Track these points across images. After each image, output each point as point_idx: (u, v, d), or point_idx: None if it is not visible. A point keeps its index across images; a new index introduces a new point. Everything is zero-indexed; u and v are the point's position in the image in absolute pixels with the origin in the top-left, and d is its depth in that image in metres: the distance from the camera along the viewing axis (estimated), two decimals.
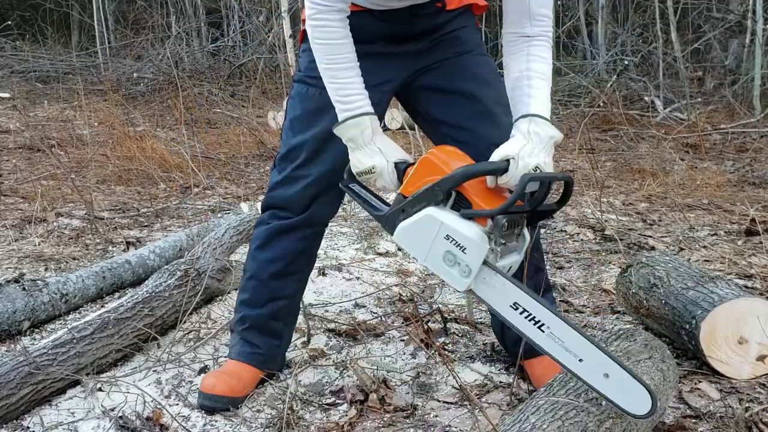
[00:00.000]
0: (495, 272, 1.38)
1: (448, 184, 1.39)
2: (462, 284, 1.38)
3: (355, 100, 1.53)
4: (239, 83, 8.96)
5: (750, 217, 3.27)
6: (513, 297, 1.37)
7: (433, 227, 1.39)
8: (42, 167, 4.99)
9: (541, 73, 1.53)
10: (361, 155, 1.55)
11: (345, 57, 1.53)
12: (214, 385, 1.71)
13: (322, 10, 1.51)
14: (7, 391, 1.60)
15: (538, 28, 1.53)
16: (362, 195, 1.59)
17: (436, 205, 1.40)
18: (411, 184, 1.46)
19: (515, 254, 1.44)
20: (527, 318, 1.35)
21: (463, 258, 1.37)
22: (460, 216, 1.38)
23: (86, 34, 12.72)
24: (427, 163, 1.44)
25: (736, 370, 1.80)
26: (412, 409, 1.68)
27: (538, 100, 1.50)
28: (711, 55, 8.61)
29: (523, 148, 1.41)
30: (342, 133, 1.55)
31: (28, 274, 2.73)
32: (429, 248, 1.40)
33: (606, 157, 5.51)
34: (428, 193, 1.41)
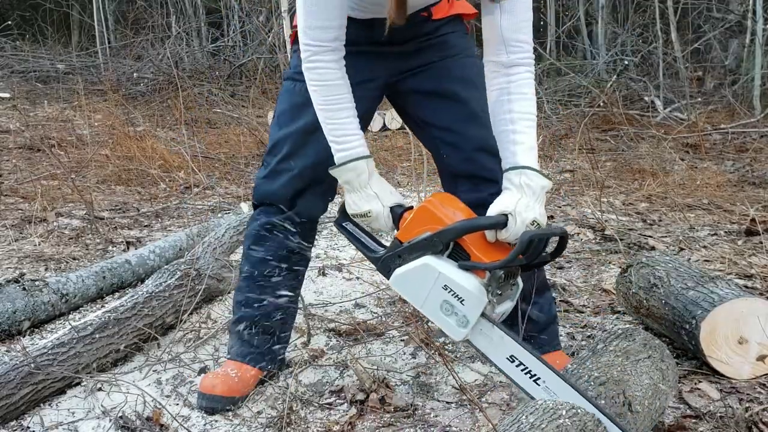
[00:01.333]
0: (492, 324, 1.41)
1: (448, 236, 1.41)
2: (459, 334, 1.42)
3: (350, 141, 1.55)
4: (239, 83, 8.96)
5: (750, 217, 3.27)
6: (510, 350, 1.40)
7: (431, 276, 1.42)
8: (42, 167, 4.99)
9: (525, 113, 1.52)
10: (357, 198, 1.57)
11: (341, 98, 1.55)
12: (213, 385, 1.71)
13: (316, 52, 1.52)
14: (7, 391, 1.60)
15: (515, 55, 1.52)
16: (356, 235, 1.62)
17: (434, 255, 1.43)
18: (408, 230, 1.48)
19: (509, 301, 1.47)
20: (523, 371, 1.39)
21: (461, 309, 1.40)
22: (458, 267, 1.41)
23: (86, 34, 12.72)
24: (425, 212, 1.47)
25: (736, 370, 1.80)
26: (412, 409, 1.68)
27: (525, 147, 1.50)
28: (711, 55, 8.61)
29: (519, 203, 1.43)
30: (339, 176, 1.57)
31: (28, 274, 2.73)
32: (426, 296, 1.43)
33: (606, 157, 5.51)
34: (427, 243, 1.44)
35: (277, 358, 1.87)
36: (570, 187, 4.52)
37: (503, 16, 1.49)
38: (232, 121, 6.93)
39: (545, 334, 1.81)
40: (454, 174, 1.74)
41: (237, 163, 5.20)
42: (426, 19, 1.68)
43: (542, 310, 1.80)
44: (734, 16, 8.28)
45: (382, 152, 5.80)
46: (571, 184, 4.63)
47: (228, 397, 1.70)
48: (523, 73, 1.53)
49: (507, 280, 1.43)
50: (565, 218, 3.68)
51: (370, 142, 6.34)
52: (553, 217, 3.72)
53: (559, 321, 1.97)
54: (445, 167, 1.77)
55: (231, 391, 1.71)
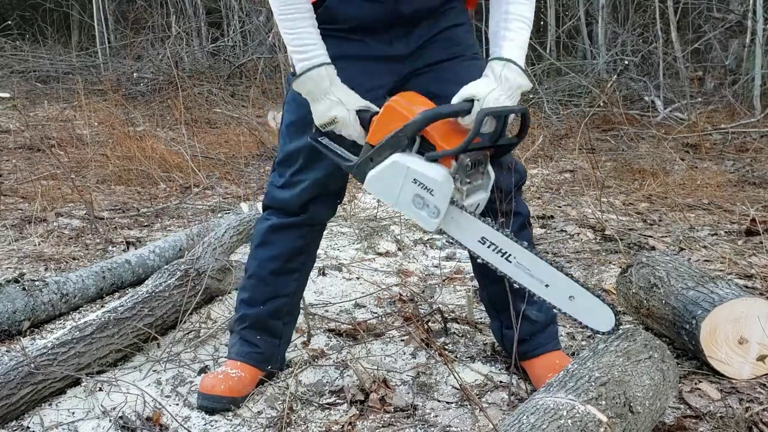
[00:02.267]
0: (462, 210, 1.44)
1: (411, 129, 1.43)
2: (432, 224, 1.45)
3: (309, 50, 1.53)
4: (239, 83, 8.96)
5: (750, 217, 3.27)
6: (480, 232, 1.44)
7: (401, 173, 1.44)
8: (42, 167, 4.98)
9: (519, 15, 1.53)
10: (322, 107, 1.54)
11: (299, 7, 1.53)
12: (213, 385, 1.71)
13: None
14: (7, 391, 1.60)
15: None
16: (331, 147, 1.61)
17: (402, 151, 1.45)
18: (376, 132, 1.49)
19: (482, 192, 1.50)
20: (494, 250, 1.43)
21: (431, 200, 1.43)
22: (425, 159, 1.43)
23: (86, 34, 12.71)
24: (390, 111, 1.48)
25: (737, 370, 1.79)
26: (412, 409, 1.68)
27: (514, 43, 1.51)
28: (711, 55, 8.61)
29: (490, 93, 1.44)
30: (300, 88, 1.55)
31: (28, 274, 2.73)
32: (398, 193, 1.46)
33: (606, 157, 5.51)
34: (393, 140, 1.45)
35: (279, 358, 1.87)
36: (570, 187, 4.52)
37: None
38: (232, 121, 6.92)
39: (545, 334, 1.81)
40: None
41: (237, 163, 5.19)
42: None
43: (541, 310, 1.80)
44: (734, 16, 8.28)
45: None
46: (571, 184, 4.62)
47: (228, 397, 1.70)
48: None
49: (475, 168, 1.45)
50: (565, 218, 3.68)
51: None
52: (553, 216, 3.72)
53: (558, 321, 1.97)
54: None
55: (231, 391, 1.71)
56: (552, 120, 7.01)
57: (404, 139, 1.44)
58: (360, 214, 3.83)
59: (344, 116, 1.54)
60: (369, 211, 3.92)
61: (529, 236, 1.80)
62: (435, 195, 1.42)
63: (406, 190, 1.44)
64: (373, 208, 3.95)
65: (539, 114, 7.20)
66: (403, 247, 3.17)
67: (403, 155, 1.45)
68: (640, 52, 8.61)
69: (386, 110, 1.49)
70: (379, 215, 3.78)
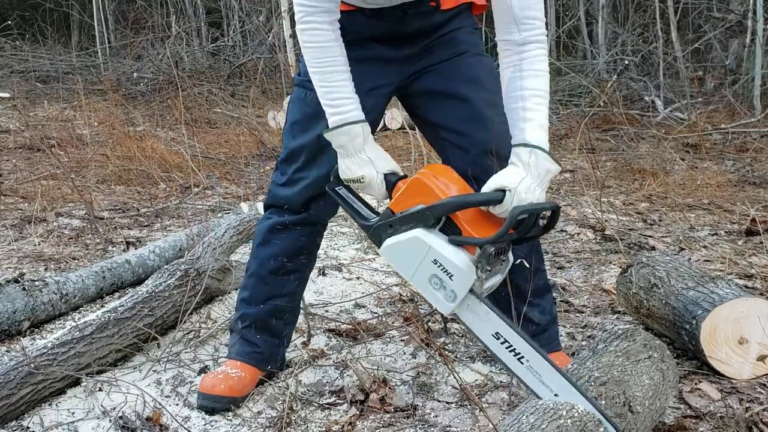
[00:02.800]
0: (479, 301, 1.41)
1: (440, 210, 1.40)
2: (446, 308, 1.41)
3: (345, 105, 1.53)
4: (239, 83, 8.96)
5: (750, 217, 3.27)
6: (495, 327, 1.40)
7: (422, 250, 1.41)
8: (42, 167, 4.99)
9: (536, 90, 1.50)
10: (351, 163, 1.55)
11: (335, 60, 1.53)
12: (213, 385, 1.71)
13: (309, 12, 1.50)
14: (7, 391, 1.60)
15: (527, 33, 1.50)
16: (348, 200, 1.60)
17: (426, 228, 1.42)
18: (401, 201, 1.47)
19: (498, 276, 1.47)
20: (508, 348, 1.38)
21: (449, 284, 1.39)
22: (449, 242, 1.40)
23: (86, 34, 12.72)
24: (419, 184, 1.45)
25: (737, 370, 1.79)
26: (412, 409, 1.68)
27: (536, 124, 1.47)
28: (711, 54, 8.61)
29: (521, 183, 1.41)
30: (332, 140, 1.55)
31: (28, 274, 2.73)
32: (416, 269, 1.42)
33: (606, 157, 5.51)
34: (419, 215, 1.42)
35: (278, 358, 1.87)
36: (570, 187, 4.52)
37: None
38: (232, 121, 6.93)
39: (546, 335, 1.81)
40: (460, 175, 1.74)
41: (237, 163, 5.20)
42: (434, 10, 1.66)
43: (543, 312, 1.80)
44: (734, 16, 8.28)
45: None
46: (571, 184, 4.63)
47: (228, 396, 1.70)
48: (535, 50, 1.50)
49: (497, 256, 1.42)
50: (565, 218, 3.68)
51: None
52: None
53: (559, 321, 1.97)
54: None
55: (231, 390, 1.71)
56: (552, 120, 7.01)
57: (431, 218, 1.41)
58: None
59: (372, 177, 1.54)
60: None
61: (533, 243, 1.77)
62: (455, 280, 1.39)
63: (424, 268, 1.41)
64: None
65: None
66: None
67: (426, 232, 1.42)
68: (640, 52, 8.61)
69: (415, 182, 1.46)
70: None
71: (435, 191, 1.42)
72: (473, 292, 1.40)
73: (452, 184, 1.45)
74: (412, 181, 1.47)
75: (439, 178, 1.46)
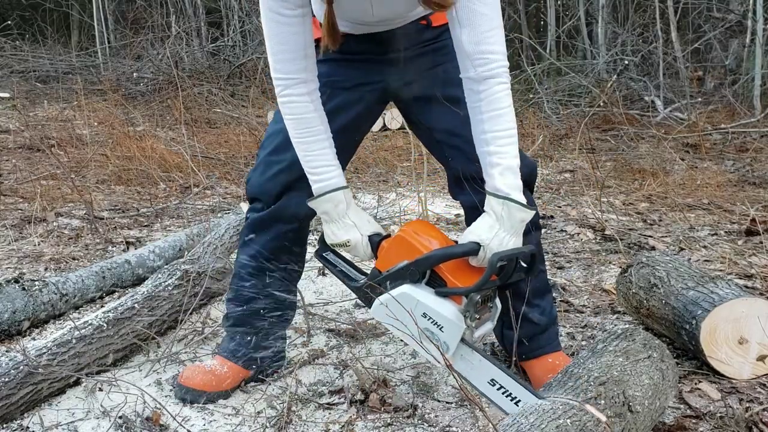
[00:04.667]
0: (472, 349, 1.44)
1: (424, 265, 1.44)
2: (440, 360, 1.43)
3: (327, 172, 1.57)
4: (239, 83, 8.96)
5: (750, 217, 3.27)
6: (490, 374, 1.43)
7: (411, 305, 1.44)
8: (42, 167, 4.99)
9: (499, 131, 1.47)
10: (336, 228, 1.59)
11: (315, 130, 1.57)
12: (189, 377, 1.75)
13: (287, 85, 1.54)
14: (7, 391, 1.60)
15: (482, 68, 1.44)
16: (338, 265, 1.66)
17: (412, 283, 1.45)
18: (386, 260, 1.51)
19: (488, 324, 1.50)
20: (504, 393, 1.42)
21: (441, 335, 1.42)
22: (436, 294, 1.43)
23: (86, 34, 12.71)
24: (402, 242, 1.50)
25: (737, 370, 1.79)
26: (412, 409, 1.68)
27: (504, 168, 1.45)
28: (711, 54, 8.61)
29: (494, 238, 1.43)
30: (317, 207, 1.59)
31: (28, 274, 2.73)
32: (407, 325, 1.44)
33: (606, 157, 5.51)
34: (405, 271, 1.46)
35: (265, 358, 1.86)
36: (570, 187, 4.52)
37: (462, 30, 1.44)
38: (231, 121, 6.93)
39: (546, 336, 1.81)
40: (459, 176, 1.74)
41: (237, 163, 5.20)
42: (426, 27, 1.68)
43: (543, 313, 1.80)
44: (734, 16, 8.28)
45: (382, 152, 5.79)
46: (571, 184, 4.63)
47: (201, 390, 1.73)
48: (494, 87, 1.46)
49: (484, 304, 1.45)
50: (565, 218, 3.68)
51: (371, 142, 6.34)
52: (553, 216, 3.72)
53: (559, 321, 1.97)
54: (450, 170, 1.77)
55: (204, 385, 1.74)
56: (552, 120, 7.02)
57: (416, 273, 1.45)
58: None
59: (357, 240, 1.58)
60: (369, 211, 3.92)
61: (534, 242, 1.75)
62: (445, 332, 1.42)
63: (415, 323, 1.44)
64: (373, 208, 3.95)
65: (539, 114, 7.20)
66: None
67: (413, 287, 1.45)
68: (640, 52, 8.61)
69: (398, 240, 1.50)
70: (379, 215, 3.78)
71: (417, 247, 1.47)
72: (465, 341, 1.44)
73: (433, 239, 1.49)
74: (395, 239, 1.51)
75: (420, 233, 1.50)
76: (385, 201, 4.16)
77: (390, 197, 4.30)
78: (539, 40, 10.45)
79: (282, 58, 1.52)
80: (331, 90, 1.71)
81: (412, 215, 3.71)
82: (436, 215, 3.68)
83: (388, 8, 1.59)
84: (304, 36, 1.51)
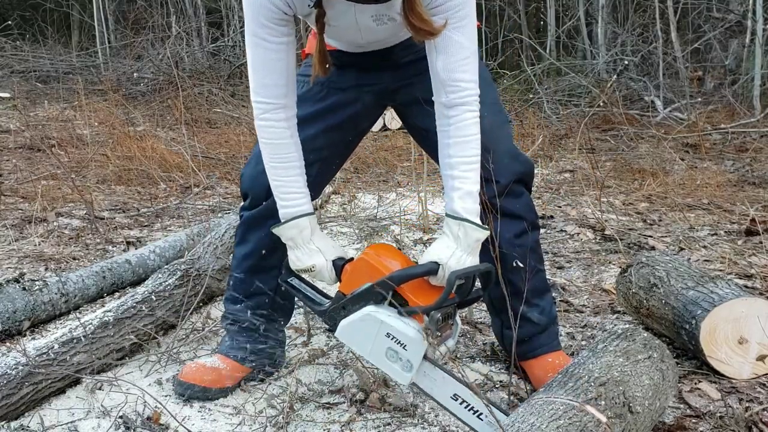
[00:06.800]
0: (434, 366, 1.47)
1: (386, 286, 1.46)
2: (405, 378, 1.47)
3: (295, 199, 1.60)
4: (239, 83, 8.96)
5: (750, 216, 3.27)
6: (452, 389, 1.46)
7: (374, 326, 1.47)
8: (42, 167, 4.99)
9: (463, 157, 1.51)
10: (301, 254, 1.62)
11: (288, 156, 1.59)
12: (188, 374, 1.77)
13: (266, 109, 1.56)
14: (7, 390, 1.60)
15: (453, 95, 1.49)
16: (302, 290, 1.68)
17: (375, 304, 1.48)
18: (350, 282, 1.54)
19: (450, 340, 1.53)
20: (466, 408, 1.45)
21: (404, 354, 1.45)
22: (398, 314, 1.46)
23: (86, 34, 12.72)
24: (364, 264, 1.52)
25: (736, 370, 1.80)
26: (412, 409, 1.68)
27: (464, 192, 1.50)
28: (711, 55, 8.61)
29: (452, 257, 1.48)
30: (282, 234, 1.62)
31: (28, 274, 2.73)
32: (372, 345, 1.48)
33: (606, 157, 5.51)
34: (367, 293, 1.49)
35: (264, 356, 1.86)
36: (570, 187, 4.52)
37: (438, 56, 1.48)
38: (232, 121, 6.93)
39: (545, 335, 1.81)
40: None
41: (237, 163, 5.20)
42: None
43: (543, 313, 1.80)
44: (734, 16, 8.28)
45: (382, 152, 5.80)
46: (571, 184, 4.63)
47: (198, 386, 1.74)
48: (463, 114, 1.50)
49: (445, 321, 1.48)
50: (565, 218, 3.68)
51: (371, 142, 6.35)
52: (553, 216, 3.72)
53: (558, 321, 1.97)
54: None
55: (202, 381, 1.75)
56: (552, 120, 7.02)
57: (378, 294, 1.47)
58: (360, 214, 3.83)
59: (322, 265, 1.60)
60: (369, 211, 3.92)
61: (530, 244, 1.75)
62: (408, 350, 1.45)
63: (379, 343, 1.47)
64: (373, 208, 3.95)
65: (539, 114, 7.20)
66: (402, 247, 3.17)
67: (376, 308, 1.47)
68: (640, 52, 8.62)
69: (360, 263, 1.53)
70: (379, 215, 3.79)
71: (379, 268, 1.49)
72: (427, 358, 1.47)
73: (394, 260, 1.52)
74: (358, 262, 1.54)
75: (382, 255, 1.53)
76: (385, 201, 4.16)
77: (390, 197, 4.30)
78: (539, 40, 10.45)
79: (264, 83, 1.55)
80: (328, 89, 1.75)
81: (412, 215, 3.72)
82: (436, 215, 3.68)
83: (376, 36, 1.63)
84: (287, 63, 1.54)
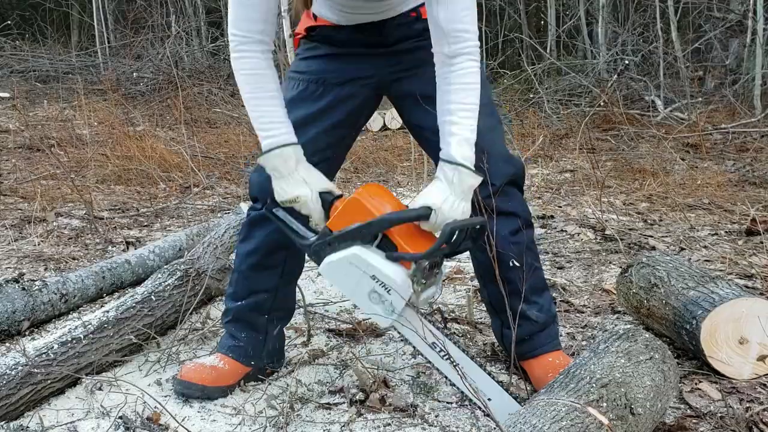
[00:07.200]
0: (416, 312, 1.49)
1: (376, 227, 1.46)
2: (386, 321, 1.48)
3: (276, 128, 1.56)
4: None
5: (751, 216, 3.27)
6: (431, 337, 1.49)
7: (360, 266, 1.47)
8: (42, 167, 4.98)
9: (463, 104, 1.52)
10: (285, 184, 1.58)
11: (267, 87, 1.57)
12: (188, 372, 1.76)
13: (242, 41, 1.54)
14: (7, 391, 1.60)
15: (456, 45, 1.51)
16: (287, 221, 1.64)
17: (363, 245, 1.47)
18: (338, 220, 1.52)
19: (434, 287, 1.53)
20: (444, 357, 1.48)
21: (387, 297, 1.46)
22: (386, 257, 1.46)
23: (86, 34, 12.71)
24: (355, 203, 1.50)
25: (737, 370, 1.79)
26: (412, 409, 1.68)
27: (461, 138, 1.50)
28: (711, 54, 8.61)
29: (445, 201, 1.47)
30: (266, 163, 1.58)
31: (28, 274, 2.73)
32: (355, 285, 1.48)
33: (606, 157, 5.51)
34: (356, 233, 1.48)
35: (265, 355, 1.86)
36: (570, 187, 4.52)
37: (439, 7, 1.49)
38: (231, 120, 6.93)
39: (545, 334, 1.81)
40: None
41: (237, 163, 5.20)
42: (416, 19, 1.69)
43: (542, 310, 1.80)
44: (735, 16, 8.28)
45: (382, 152, 5.80)
46: (571, 183, 4.62)
47: (199, 385, 1.74)
48: (465, 62, 1.52)
49: (432, 270, 1.48)
50: (565, 218, 3.68)
51: (370, 142, 6.35)
52: (553, 216, 3.72)
53: (559, 321, 1.96)
54: None
55: (202, 380, 1.75)
56: (552, 120, 7.02)
57: (367, 235, 1.47)
58: None
59: (306, 196, 1.57)
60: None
61: (525, 242, 1.75)
62: (393, 294, 1.45)
63: (364, 284, 1.47)
64: None
65: (539, 114, 7.20)
66: None
67: (364, 249, 1.47)
68: (640, 52, 8.61)
69: (352, 202, 1.51)
70: None
71: (371, 210, 1.48)
72: (410, 304, 1.47)
73: (386, 203, 1.51)
74: (349, 201, 1.52)
75: (374, 197, 1.52)
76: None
77: None
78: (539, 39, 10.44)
79: (243, 17, 1.52)
80: (324, 87, 1.74)
81: None
82: None
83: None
84: (268, 2, 1.52)
